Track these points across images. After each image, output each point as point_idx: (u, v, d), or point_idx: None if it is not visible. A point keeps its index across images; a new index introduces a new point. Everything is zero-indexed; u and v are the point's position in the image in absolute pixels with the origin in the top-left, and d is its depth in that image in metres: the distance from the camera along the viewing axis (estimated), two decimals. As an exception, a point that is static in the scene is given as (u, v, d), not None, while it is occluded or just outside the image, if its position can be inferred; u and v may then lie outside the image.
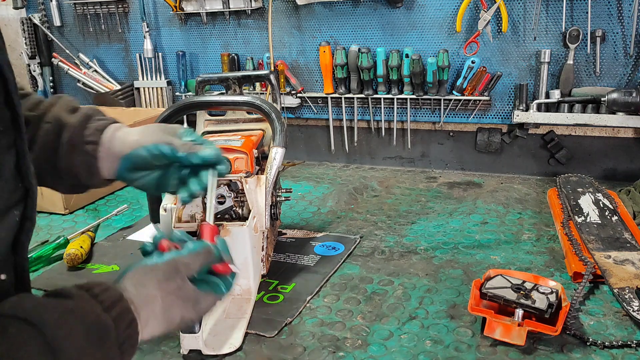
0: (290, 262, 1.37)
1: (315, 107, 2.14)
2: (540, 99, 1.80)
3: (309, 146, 2.23)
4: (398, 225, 1.57)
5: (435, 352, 1.02)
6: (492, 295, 1.07)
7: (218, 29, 2.21)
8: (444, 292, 1.22)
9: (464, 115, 1.95)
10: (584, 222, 1.41)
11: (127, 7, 2.34)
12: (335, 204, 1.75)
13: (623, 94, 1.65)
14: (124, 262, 1.40)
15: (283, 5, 2.06)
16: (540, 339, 1.03)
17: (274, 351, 1.04)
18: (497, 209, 1.65)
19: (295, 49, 2.11)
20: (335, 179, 1.99)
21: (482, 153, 1.99)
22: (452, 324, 1.10)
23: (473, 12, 1.83)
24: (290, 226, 1.59)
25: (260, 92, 2.13)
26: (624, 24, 1.69)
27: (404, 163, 2.11)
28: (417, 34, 1.93)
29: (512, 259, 1.35)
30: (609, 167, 1.85)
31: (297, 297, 1.22)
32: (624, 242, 1.31)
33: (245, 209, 1.24)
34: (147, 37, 2.29)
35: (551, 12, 1.75)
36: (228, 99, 1.37)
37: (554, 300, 1.05)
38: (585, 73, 1.77)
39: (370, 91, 2.00)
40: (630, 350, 1.00)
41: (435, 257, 1.38)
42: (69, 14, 2.45)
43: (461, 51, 1.87)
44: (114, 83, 2.44)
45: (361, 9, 1.97)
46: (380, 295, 1.22)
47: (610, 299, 1.16)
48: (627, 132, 1.81)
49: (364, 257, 1.39)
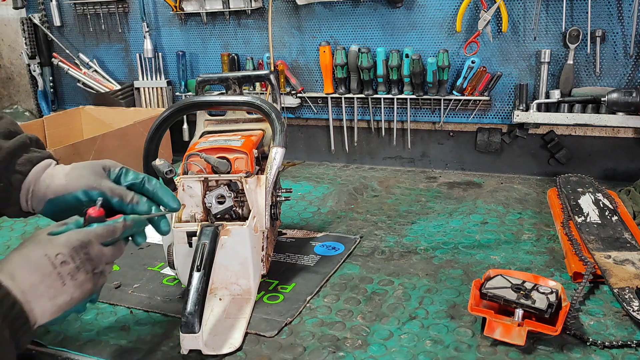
0: (290, 262, 1.37)
1: (315, 107, 2.14)
2: (540, 99, 1.80)
3: (309, 146, 2.23)
4: (398, 225, 1.57)
5: (435, 352, 1.02)
6: (492, 295, 1.07)
7: (218, 29, 2.21)
8: (444, 292, 1.22)
9: (464, 115, 1.95)
10: (584, 222, 1.41)
11: (127, 7, 2.34)
12: (335, 204, 1.75)
13: (623, 94, 1.65)
14: (124, 261, 1.40)
15: (283, 5, 2.06)
16: (540, 339, 1.03)
17: (273, 351, 1.04)
18: (497, 209, 1.65)
19: (295, 49, 2.11)
20: (335, 179, 1.99)
21: (482, 153, 1.99)
22: (452, 324, 1.10)
23: (473, 12, 1.83)
24: (290, 226, 1.59)
25: (260, 92, 2.13)
26: (624, 24, 1.69)
27: (404, 163, 2.11)
28: (417, 34, 1.93)
29: (512, 259, 1.35)
30: (609, 167, 1.85)
31: (297, 297, 1.22)
32: (624, 242, 1.31)
33: (245, 209, 1.24)
34: (147, 37, 2.29)
35: (551, 12, 1.75)
36: (228, 99, 1.37)
37: (554, 300, 1.05)
38: (585, 73, 1.77)
39: (370, 91, 2.00)
40: (630, 350, 1.00)
41: (435, 257, 1.38)
42: (69, 14, 2.45)
43: (461, 51, 1.87)
44: (114, 83, 2.44)
45: (361, 9, 1.97)
46: (380, 295, 1.22)
47: (610, 299, 1.16)
48: (627, 132, 1.81)
49: (364, 257, 1.39)
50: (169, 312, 1.18)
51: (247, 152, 1.25)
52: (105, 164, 1.01)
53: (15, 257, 0.83)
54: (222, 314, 1.14)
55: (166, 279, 1.33)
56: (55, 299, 0.82)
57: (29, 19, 2.50)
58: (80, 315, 1.18)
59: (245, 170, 1.24)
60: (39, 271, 0.81)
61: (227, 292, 1.19)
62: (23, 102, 2.75)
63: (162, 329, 1.13)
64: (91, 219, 0.91)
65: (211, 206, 1.21)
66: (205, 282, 1.04)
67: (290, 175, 2.05)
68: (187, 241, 1.15)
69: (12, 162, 0.97)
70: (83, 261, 0.86)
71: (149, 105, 2.40)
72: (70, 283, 0.84)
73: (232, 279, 1.19)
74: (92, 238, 0.88)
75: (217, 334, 1.08)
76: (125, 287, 1.29)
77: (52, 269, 0.82)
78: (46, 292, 0.81)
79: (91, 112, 2.35)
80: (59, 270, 0.82)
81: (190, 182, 1.22)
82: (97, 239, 0.89)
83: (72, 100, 2.59)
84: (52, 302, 0.82)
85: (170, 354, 1.05)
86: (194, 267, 1.05)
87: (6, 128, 1.00)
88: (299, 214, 1.68)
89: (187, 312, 0.99)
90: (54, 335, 1.12)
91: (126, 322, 1.16)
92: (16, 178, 0.97)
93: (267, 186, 1.23)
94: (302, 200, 1.79)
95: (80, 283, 0.85)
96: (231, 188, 1.22)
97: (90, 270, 0.87)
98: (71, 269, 0.84)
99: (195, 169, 1.25)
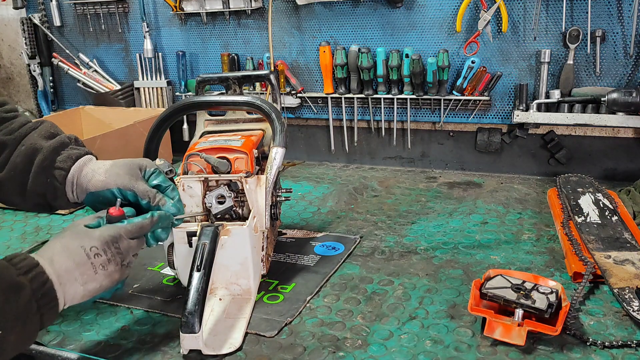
0: (290, 262, 1.37)
1: (315, 107, 2.14)
2: (540, 99, 1.80)
3: (309, 146, 2.23)
4: (398, 225, 1.57)
5: (435, 352, 1.02)
6: (492, 295, 1.07)
7: (218, 29, 2.21)
8: (444, 292, 1.22)
9: (464, 115, 1.95)
10: (584, 222, 1.41)
11: (127, 7, 2.34)
12: (335, 204, 1.75)
13: (623, 94, 1.65)
14: (124, 262, 1.40)
15: (283, 5, 2.06)
16: (540, 339, 1.03)
17: (273, 351, 1.04)
18: (497, 209, 1.65)
19: (295, 49, 2.11)
20: (335, 179, 1.99)
21: (482, 153, 1.99)
22: (452, 324, 1.10)
23: (473, 12, 1.83)
24: (290, 226, 1.59)
25: (260, 92, 2.13)
26: (624, 24, 1.69)
27: (404, 163, 2.11)
28: (417, 34, 1.93)
29: (512, 259, 1.35)
30: (609, 167, 1.85)
31: (297, 297, 1.22)
32: (624, 242, 1.31)
33: (245, 209, 1.24)
34: (147, 37, 2.29)
35: (551, 12, 1.75)
36: (228, 99, 1.37)
37: (554, 300, 1.05)
38: (585, 73, 1.77)
39: (370, 91, 2.00)
40: (630, 350, 1.00)
41: (435, 257, 1.38)
42: (69, 14, 2.45)
43: (461, 51, 1.87)
44: (114, 83, 2.44)
45: (361, 9, 1.97)
46: (380, 295, 1.22)
47: (610, 299, 1.16)
48: (627, 132, 1.81)
49: (364, 257, 1.39)
50: (169, 312, 1.18)
51: (247, 152, 1.25)
52: (142, 164, 1.13)
53: (57, 245, 0.94)
54: (222, 314, 1.14)
55: (166, 279, 1.33)
56: (87, 284, 0.94)
57: (29, 19, 2.50)
58: (83, 311, 1.19)
59: (246, 170, 1.24)
60: (75, 260, 0.93)
61: (227, 292, 1.19)
62: (23, 102, 2.75)
63: (162, 329, 1.13)
64: (110, 217, 1.02)
65: (211, 206, 1.21)
66: (205, 282, 1.04)
67: (290, 175, 2.05)
68: (187, 241, 1.16)
69: (54, 160, 1.10)
70: (114, 254, 0.97)
71: (149, 105, 2.40)
72: (101, 272, 0.95)
73: (232, 279, 1.19)
74: (122, 233, 1.00)
75: (217, 334, 1.08)
76: (125, 287, 1.29)
77: (87, 259, 0.94)
78: (79, 278, 0.93)
79: (91, 112, 2.35)
80: (92, 261, 0.94)
81: (190, 182, 1.22)
82: (126, 234, 1.00)
83: (72, 100, 2.59)
84: (84, 287, 0.93)
85: (170, 354, 1.05)
86: (194, 267, 1.05)
87: (48, 130, 1.14)
88: (299, 214, 1.68)
89: (187, 312, 1.00)
90: (54, 335, 1.12)
91: (126, 322, 1.16)
92: (59, 173, 1.10)
93: (267, 186, 1.23)
94: (302, 200, 1.79)
95: (110, 273, 0.97)
96: (231, 188, 1.22)
97: (119, 262, 0.98)
98: (103, 260, 0.96)
99: (196, 169, 1.25)
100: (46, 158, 1.09)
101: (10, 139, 1.11)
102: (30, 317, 0.86)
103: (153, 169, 1.13)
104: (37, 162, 1.09)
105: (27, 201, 1.12)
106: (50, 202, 1.12)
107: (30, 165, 1.09)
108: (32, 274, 0.87)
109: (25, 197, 1.11)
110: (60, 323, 1.16)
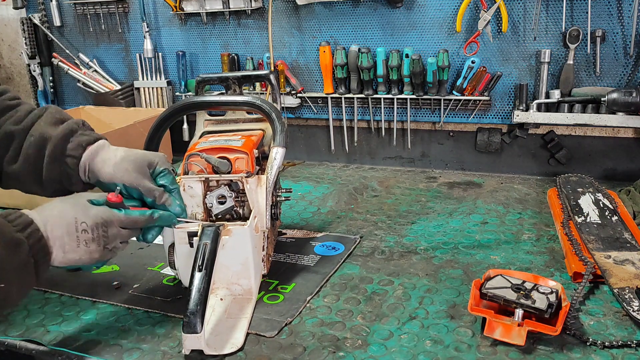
0: (291, 262, 1.38)
1: (315, 107, 2.14)
2: (540, 99, 1.80)
3: (309, 146, 2.23)
4: (398, 225, 1.58)
5: (435, 352, 1.02)
6: (492, 295, 1.07)
7: (218, 29, 2.21)
8: (444, 292, 1.22)
9: (464, 115, 1.95)
10: (584, 222, 1.41)
11: (127, 7, 2.34)
12: (335, 204, 1.75)
13: (623, 94, 1.65)
14: (124, 261, 1.40)
15: (283, 5, 2.07)
16: (540, 339, 1.03)
17: (274, 351, 1.05)
18: (497, 209, 1.65)
19: (295, 49, 2.11)
20: (335, 179, 1.99)
21: (482, 153, 1.99)
22: (452, 324, 1.10)
23: (473, 12, 1.83)
24: (290, 226, 1.59)
25: (260, 92, 2.13)
26: (624, 24, 1.69)
27: (404, 163, 2.11)
28: (417, 34, 1.93)
29: (512, 259, 1.35)
30: (609, 167, 1.85)
31: (297, 297, 1.22)
32: (624, 242, 1.31)
33: (246, 209, 1.24)
34: (147, 37, 2.29)
35: (551, 12, 1.75)
36: (228, 99, 1.37)
37: (554, 300, 1.05)
38: (585, 73, 1.77)
39: (370, 91, 2.00)
40: (630, 350, 1.00)
41: (435, 257, 1.38)
42: (69, 14, 2.45)
43: (461, 51, 1.87)
44: (114, 83, 2.44)
45: (361, 9, 1.97)
46: (380, 295, 1.22)
47: (610, 299, 1.16)
48: (627, 132, 1.81)
49: (364, 257, 1.39)
50: (169, 312, 1.19)
51: (247, 152, 1.25)
52: (153, 161, 1.15)
53: (55, 209, 1.00)
54: (224, 314, 1.15)
55: (166, 279, 1.33)
56: (67, 253, 0.99)
57: (29, 19, 2.50)
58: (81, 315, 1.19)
59: (246, 170, 1.25)
60: (65, 228, 0.99)
61: (229, 292, 1.19)
62: (23, 102, 2.74)
63: (162, 329, 1.13)
64: (109, 203, 1.05)
65: (212, 206, 1.21)
66: (207, 282, 1.04)
67: (290, 175, 2.05)
68: (188, 241, 1.16)
69: (65, 148, 1.12)
70: (99, 236, 1.02)
71: (149, 105, 2.40)
72: (83, 247, 1.00)
73: (233, 279, 1.19)
74: (114, 220, 1.04)
75: (219, 334, 1.08)
76: (125, 287, 1.29)
77: (75, 231, 0.99)
78: (63, 245, 0.98)
79: (91, 112, 2.35)
80: (77, 234, 0.99)
81: (191, 182, 1.22)
82: (118, 223, 1.04)
83: (72, 100, 2.59)
84: (64, 255, 0.99)
85: (170, 354, 1.05)
86: (195, 267, 1.05)
87: (54, 116, 1.15)
88: (299, 214, 1.69)
89: (189, 312, 1.00)
90: (54, 335, 1.12)
91: (126, 322, 1.16)
92: (71, 161, 1.13)
93: (267, 186, 1.23)
94: (302, 200, 1.79)
95: (90, 251, 1.01)
96: (232, 188, 1.22)
97: (103, 245, 1.03)
98: (87, 237, 1.00)
99: (196, 169, 1.25)
100: (56, 147, 1.12)
101: (18, 129, 1.13)
102: (28, 269, 0.93)
103: (163, 168, 1.15)
104: (48, 152, 1.11)
105: (46, 189, 1.15)
106: (68, 187, 1.16)
107: (42, 156, 1.12)
108: (28, 230, 0.94)
109: (43, 186, 1.15)
110: (60, 323, 1.16)
